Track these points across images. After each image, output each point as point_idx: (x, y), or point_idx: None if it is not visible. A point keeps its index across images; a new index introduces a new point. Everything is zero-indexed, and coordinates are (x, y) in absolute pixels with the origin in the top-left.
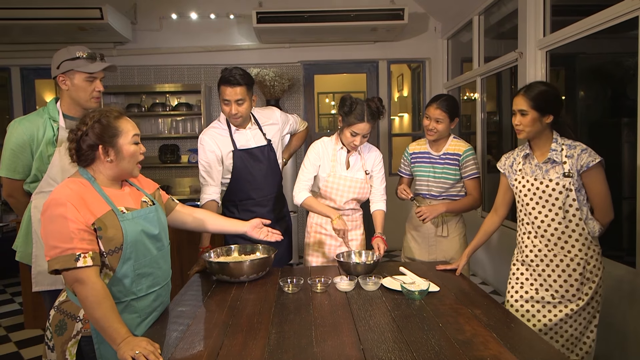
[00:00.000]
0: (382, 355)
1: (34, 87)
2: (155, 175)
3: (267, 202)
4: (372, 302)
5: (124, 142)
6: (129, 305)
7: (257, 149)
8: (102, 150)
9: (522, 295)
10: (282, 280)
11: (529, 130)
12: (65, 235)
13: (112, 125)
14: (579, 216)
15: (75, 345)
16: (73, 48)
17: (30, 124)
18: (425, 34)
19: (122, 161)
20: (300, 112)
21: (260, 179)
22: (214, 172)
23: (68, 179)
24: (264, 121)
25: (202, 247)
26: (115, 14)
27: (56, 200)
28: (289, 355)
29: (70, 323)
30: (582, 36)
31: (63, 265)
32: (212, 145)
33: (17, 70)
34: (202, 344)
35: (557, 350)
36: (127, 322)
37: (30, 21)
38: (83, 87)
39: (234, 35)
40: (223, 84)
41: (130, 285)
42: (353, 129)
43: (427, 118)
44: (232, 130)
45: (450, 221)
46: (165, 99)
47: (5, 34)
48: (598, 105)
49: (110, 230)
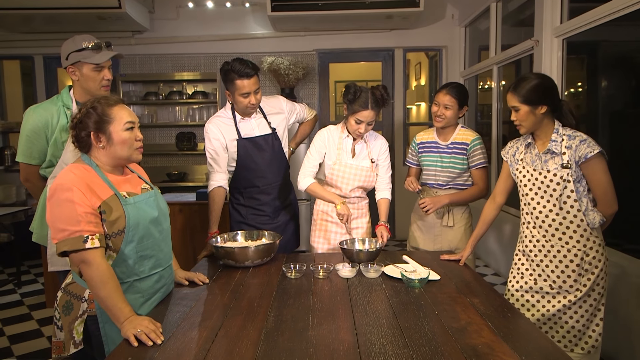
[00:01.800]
0: (375, 340)
1: (56, 74)
2: (172, 162)
3: (271, 190)
4: (372, 289)
5: (115, 129)
6: (132, 286)
7: (261, 137)
8: (94, 136)
9: (522, 285)
10: (285, 266)
11: (526, 125)
12: (73, 219)
13: (105, 112)
14: (577, 207)
15: (81, 325)
16: (79, 38)
17: (44, 111)
18: (442, 21)
19: (114, 147)
20: (315, 100)
21: (264, 167)
22: (221, 159)
23: (72, 164)
24: (269, 110)
25: (210, 233)
26: (133, 3)
27: (62, 185)
28: (284, 338)
29: (76, 303)
30: (599, 23)
31: (72, 247)
32: (217, 134)
33: (40, 59)
34: (203, 324)
35: (551, 340)
36: (131, 301)
37: (51, 10)
38: (92, 77)
39: (249, 24)
40: (238, 78)
41: (133, 266)
42: (357, 116)
43: (435, 104)
44: (237, 119)
45: (456, 211)
46: (182, 87)
47: (28, 24)
48: (621, 94)
49: (114, 213)
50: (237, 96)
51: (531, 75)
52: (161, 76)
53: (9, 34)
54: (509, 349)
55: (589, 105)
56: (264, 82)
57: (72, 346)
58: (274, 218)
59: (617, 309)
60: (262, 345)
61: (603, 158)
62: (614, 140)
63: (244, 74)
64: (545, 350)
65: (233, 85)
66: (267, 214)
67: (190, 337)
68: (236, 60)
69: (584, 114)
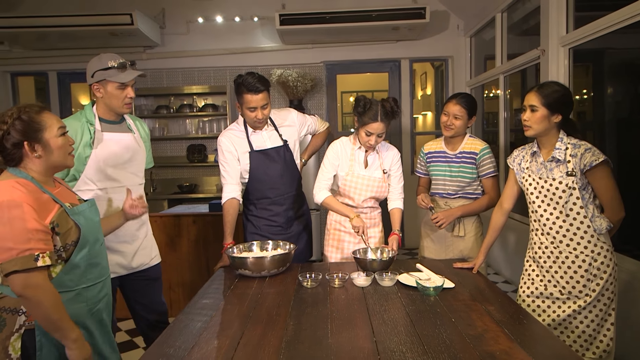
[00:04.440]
0: (394, 347)
1: (69, 90)
2: (183, 174)
3: (284, 201)
4: (388, 298)
5: (50, 136)
6: (79, 294)
7: (273, 149)
8: (29, 146)
9: (532, 291)
10: (301, 275)
11: (537, 128)
12: (23, 236)
13: (35, 120)
14: (583, 214)
15: (18, 340)
16: (105, 57)
17: (69, 127)
18: (447, 32)
19: (51, 155)
20: (323, 111)
21: (276, 178)
22: (233, 171)
23: (6, 180)
24: (280, 122)
25: (225, 244)
26: (144, 19)
27: (10, 202)
28: (304, 346)
29: (10, 318)
30: (605, 33)
31: (22, 266)
32: (230, 146)
33: (54, 75)
34: (224, 333)
35: (567, 346)
36: (76, 311)
37: (65, 28)
38: (116, 94)
39: (257, 37)
40: (247, 92)
41: (82, 273)
42: (367, 128)
43: (445, 114)
44: (248, 132)
45: (467, 221)
46: (192, 101)
47: (43, 41)
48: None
49: (66, 225)
50: (244, 109)
51: (557, 84)
52: (172, 90)
53: (24, 51)
54: (526, 355)
55: (594, 112)
56: (273, 94)
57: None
58: (287, 229)
59: (628, 314)
60: (284, 352)
61: (608, 166)
62: (620, 147)
63: (252, 89)
64: (562, 356)
65: (242, 98)
66: (279, 224)
67: (213, 346)
68: (249, 74)
69: (589, 121)
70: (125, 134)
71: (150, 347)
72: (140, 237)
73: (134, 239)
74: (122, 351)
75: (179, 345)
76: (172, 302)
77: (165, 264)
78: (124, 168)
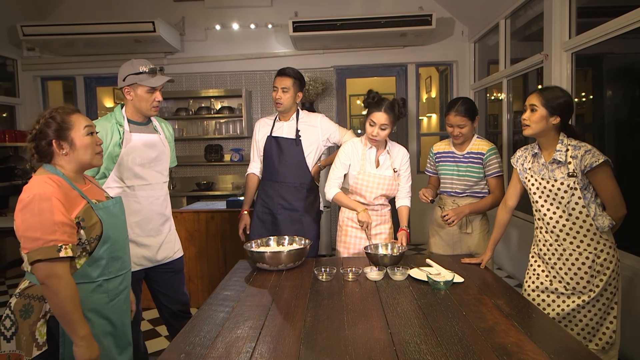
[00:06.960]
0: (409, 339)
1: (95, 93)
2: (200, 172)
3: (278, 187)
4: (400, 291)
5: (75, 135)
6: (100, 285)
7: (285, 139)
8: (56, 144)
9: (537, 285)
10: (316, 269)
11: (535, 127)
12: (49, 228)
13: (64, 119)
14: (585, 213)
15: (44, 325)
16: (137, 62)
17: (100, 128)
18: (453, 37)
19: (77, 152)
20: (333, 113)
21: (277, 164)
22: (257, 150)
23: (40, 176)
24: (305, 120)
25: (241, 211)
26: (165, 26)
27: (41, 195)
28: (323, 337)
29: (37, 305)
30: (607, 38)
31: (45, 256)
32: (257, 130)
33: (81, 79)
34: (246, 324)
35: (574, 338)
36: (98, 301)
37: (92, 35)
38: (145, 98)
39: (272, 43)
40: (276, 75)
41: (105, 266)
42: (371, 117)
43: (449, 126)
44: (275, 121)
45: (475, 219)
46: (210, 103)
47: (71, 47)
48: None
49: (91, 220)
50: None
51: (560, 89)
52: (191, 93)
53: (54, 56)
54: (537, 347)
55: (594, 115)
56: None
57: (35, 349)
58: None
59: (631, 310)
60: (304, 342)
61: (608, 166)
62: (619, 148)
63: (280, 72)
64: (570, 348)
65: (274, 80)
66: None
67: (236, 335)
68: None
69: (590, 123)
70: (152, 135)
71: (177, 335)
72: (165, 231)
73: (158, 233)
74: (146, 339)
75: (203, 335)
76: (192, 293)
77: (184, 257)
78: (150, 167)
